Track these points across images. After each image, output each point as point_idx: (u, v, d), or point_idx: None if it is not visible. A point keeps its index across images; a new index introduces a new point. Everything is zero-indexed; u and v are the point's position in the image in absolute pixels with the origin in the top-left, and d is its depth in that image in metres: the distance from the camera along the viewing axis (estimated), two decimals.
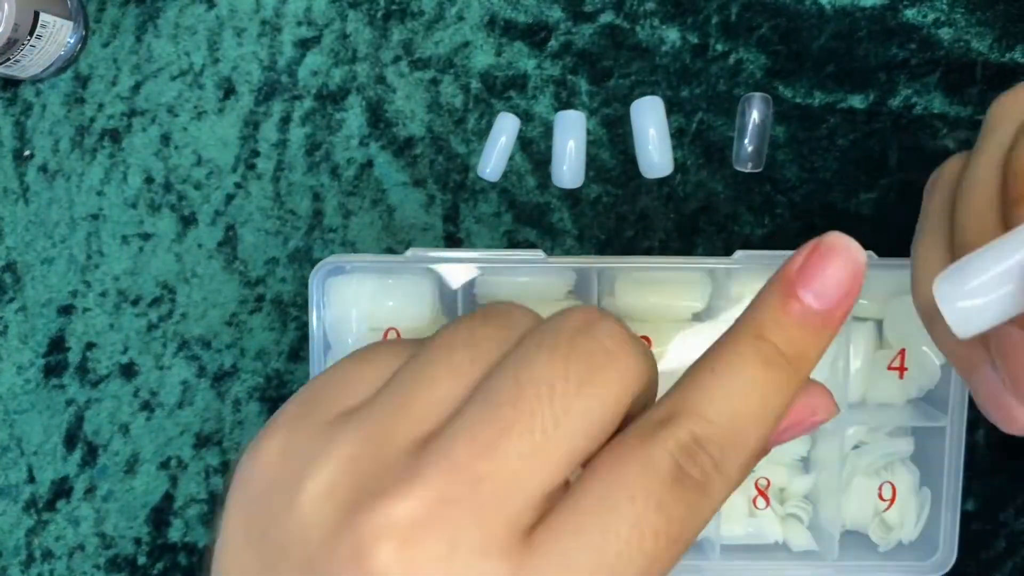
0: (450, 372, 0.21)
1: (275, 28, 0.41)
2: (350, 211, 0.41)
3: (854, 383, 0.39)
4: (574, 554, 0.19)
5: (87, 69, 0.41)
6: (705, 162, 0.41)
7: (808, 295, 0.21)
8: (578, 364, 0.20)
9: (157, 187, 0.42)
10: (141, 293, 0.42)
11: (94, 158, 0.42)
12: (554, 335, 0.21)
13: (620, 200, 0.41)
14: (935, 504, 0.39)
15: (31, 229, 0.42)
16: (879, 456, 0.40)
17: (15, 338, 0.42)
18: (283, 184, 0.41)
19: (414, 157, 0.41)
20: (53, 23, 0.39)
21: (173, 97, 0.41)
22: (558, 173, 0.41)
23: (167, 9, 0.41)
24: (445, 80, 0.41)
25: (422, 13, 0.41)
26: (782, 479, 0.40)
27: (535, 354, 0.21)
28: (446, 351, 0.22)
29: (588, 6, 0.40)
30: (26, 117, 0.41)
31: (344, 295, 0.37)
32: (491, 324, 0.22)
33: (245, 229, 0.42)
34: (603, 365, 0.21)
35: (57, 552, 0.43)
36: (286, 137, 0.41)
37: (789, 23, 0.40)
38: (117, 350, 0.42)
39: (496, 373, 0.21)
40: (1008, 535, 0.43)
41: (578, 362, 0.20)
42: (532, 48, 0.41)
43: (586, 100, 0.41)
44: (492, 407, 0.20)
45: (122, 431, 0.43)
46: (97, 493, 0.43)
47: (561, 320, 0.22)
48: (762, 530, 0.40)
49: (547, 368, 0.20)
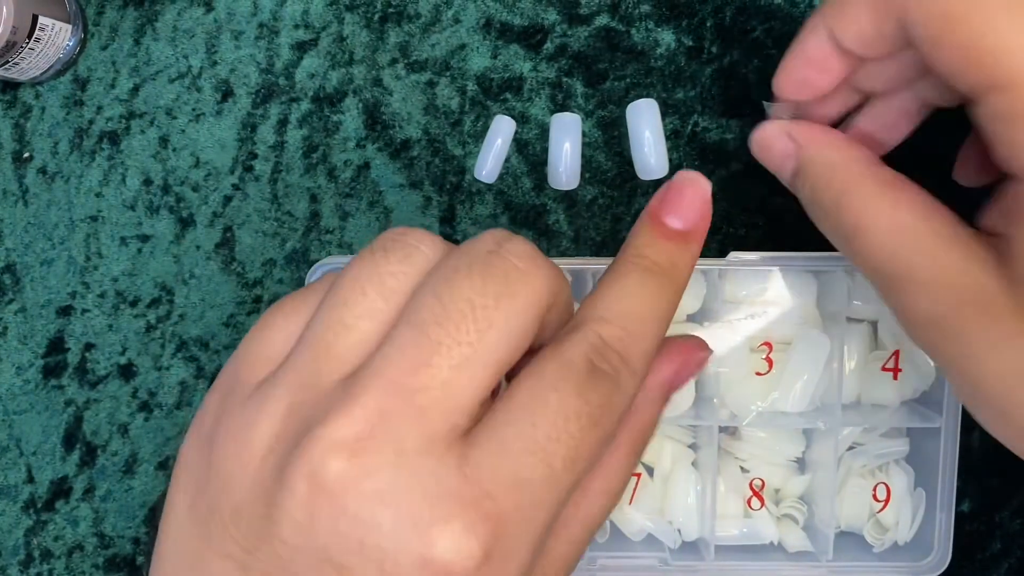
0: (365, 313, 0.23)
1: (272, 31, 0.41)
2: (347, 213, 0.42)
3: (849, 384, 0.39)
4: (509, 441, 0.22)
5: (86, 72, 0.42)
6: (700, 164, 0.41)
7: (671, 219, 0.27)
8: (494, 281, 0.23)
9: (155, 189, 0.42)
10: (139, 294, 0.42)
11: (93, 160, 0.42)
12: (469, 258, 0.23)
13: (616, 202, 0.41)
14: (930, 505, 0.39)
15: (30, 231, 0.42)
16: (874, 457, 0.40)
17: (14, 339, 0.42)
18: (280, 186, 0.42)
19: (411, 159, 0.41)
20: (52, 26, 0.39)
21: (171, 99, 0.42)
22: (554, 175, 0.41)
23: (165, 12, 0.41)
24: (441, 82, 0.41)
25: (418, 16, 0.41)
26: (777, 480, 0.40)
27: (454, 276, 0.23)
28: (358, 293, 0.23)
29: (583, 9, 0.41)
30: (25, 119, 0.42)
31: None
32: (393, 258, 0.24)
33: (243, 230, 0.42)
34: (516, 280, 0.23)
35: (56, 552, 0.43)
36: (283, 139, 0.41)
37: (783, 26, 0.40)
38: (116, 351, 0.42)
39: (418, 296, 0.23)
40: (1003, 536, 0.43)
41: (494, 279, 0.23)
42: (528, 51, 0.41)
43: (582, 102, 0.41)
44: (419, 327, 0.22)
45: (121, 431, 0.43)
46: (96, 493, 0.43)
47: (473, 244, 0.24)
48: (757, 531, 0.40)
49: (467, 287, 0.23)
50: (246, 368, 0.25)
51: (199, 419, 0.25)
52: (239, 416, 0.23)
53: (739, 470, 0.40)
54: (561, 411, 0.22)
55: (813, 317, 0.39)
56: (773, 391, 0.39)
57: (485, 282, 0.23)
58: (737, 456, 0.40)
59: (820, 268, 0.38)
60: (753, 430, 0.40)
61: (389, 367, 0.22)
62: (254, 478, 0.22)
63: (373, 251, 0.24)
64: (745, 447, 0.40)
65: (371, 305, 0.23)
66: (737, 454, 0.40)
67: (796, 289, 0.38)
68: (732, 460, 0.40)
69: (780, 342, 0.39)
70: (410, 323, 0.22)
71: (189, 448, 0.25)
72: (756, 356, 0.39)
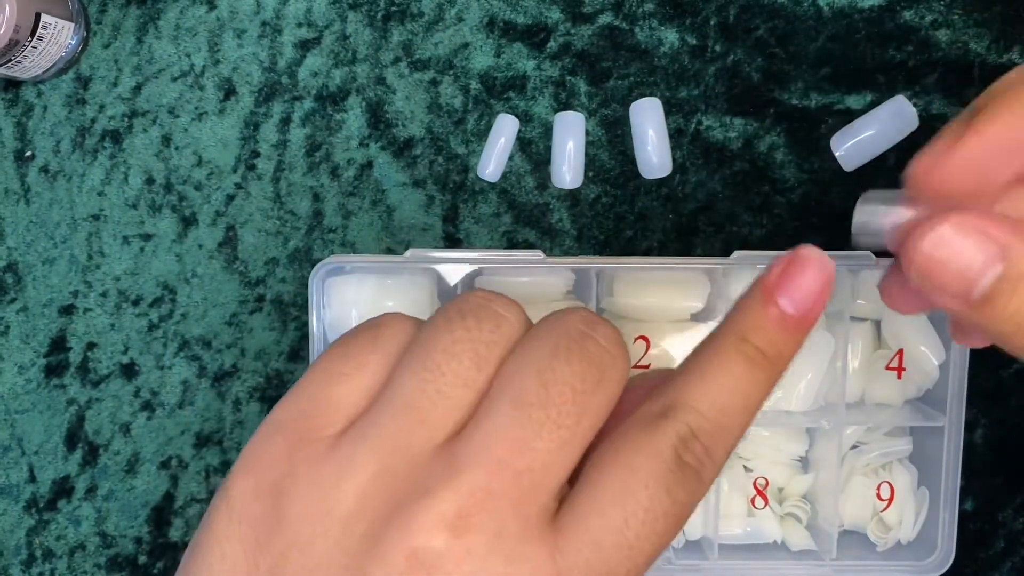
0: (459, 382, 0.23)
1: (275, 29, 0.41)
2: (350, 211, 0.41)
3: (852, 383, 0.39)
4: (600, 535, 0.22)
5: (88, 70, 0.41)
6: (703, 163, 0.41)
7: (785, 301, 0.24)
8: (591, 367, 0.23)
9: (158, 188, 0.42)
10: (142, 293, 0.42)
11: (95, 159, 0.42)
12: (566, 339, 0.23)
13: (619, 200, 0.41)
14: (933, 504, 0.39)
15: (32, 229, 0.42)
16: (877, 456, 0.40)
17: (16, 338, 0.42)
18: (283, 185, 0.41)
19: (414, 158, 0.41)
20: (54, 24, 0.39)
21: (174, 98, 0.41)
22: (557, 174, 0.41)
23: (168, 11, 0.41)
24: (445, 81, 0.41)
25: (422, 14, 0.41)
26: (781, 479, 0.40)
27: (554, 360, 0.23)
28: (452, 360, 0.23)
29: (587, 7, 0.41)
30: (27, 118, 0.42)
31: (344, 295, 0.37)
32: (485, 327, 0.24)
33: (245, 229, 0.42)
34: (609, 366, 0.23)
35: (58, 551, 0.43)
36: (286, 138, 0.41)
37: (787, 24, 0.40)
38: (118, 350, 0.42)
39: (519, 373, 0.23)
40: (1006, 535, 0.43)
41: (592, 366, 0.23)
42: (531, 49, 0.41)
43: (585, 101, 0.41)
44: (523, 408, 0.22)
45: (123, 431, 0.43)
46: (98, 493, 0.43)
47: (564, 322, 0.24)
48: (761, 530, 0.40)
49: (568, 373, 0.23)
50: (316, 418, 0.24)
51: (259, 462, 0.23)
52: (319, 473, 0.23)
53: (743, 469, 0.40)
54: (651, 510, 0.22)
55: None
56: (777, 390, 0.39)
57: (584, 368, 0.23)
58: (741, 455, 0.40)
59: None
60: (757, 429, 0.40)
61: (495, 445, 0.22)
62: (337, 543, 0.22)
63: (463, 316, 0.24)
64: (749, 446, 0.40)
65: (466, 374, 0.23)
66: (741, 453, 0.40)
67: None
68: (736, 459, 0.40)
69: None
70: (514, 402, 0.22)
71: (246, 493, 0.23)
72: None
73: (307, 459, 0.23)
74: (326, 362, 0.24)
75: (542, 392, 0.22)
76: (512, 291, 0.38)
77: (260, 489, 0.23)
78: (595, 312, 0.25)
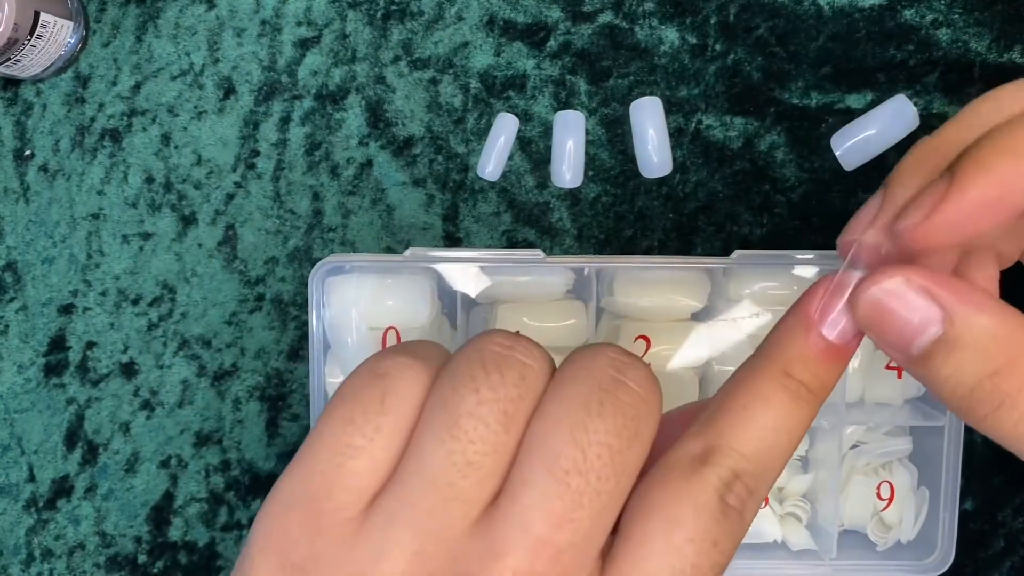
0: (488, 448, 0.22)
1: (275, 28, 0.41)
2: (350, 211, 0.41)
3: (852, 382, 0.39)
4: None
5: (87, 69, 0.41)
6: (704, 162, 0.41)
7: (829, 330, 0.23)
8: (626, 420, 0.22)
9: (157, 187, 0.42)
10: (141, 292, 0.42)
11: (94, 158, 0.42)
12: (598, 391, 0.22)
13: (619, 200, 0.41)
14: (933, 503, 0.39)
15: (32, 228, 0.42)
16: (877, 455, 0.40)
17: (16, 337, 0.42)
18: (283, 184, 0.41)
19: (413, 157, 0.41)
20: (53, 23, 0.39)
21: (173, 97, 0.41)
22: (557, 173, 0.41)
23: (167, 9, 0.41)
24: (444, 80, 0.41)
25: (421, 13, 0.41)
26: (780, 478, 0.40)
27: (586, 414, 0.22)
28: (478, 422, 0.22)
29: (587, 6, 0.41)
30: (27, 117, 0.42)
31: (344, 294, 0.37)
32: (510, 381, 0.22)
33: (245, 228, 0.42)
34: (645, 415, 0.22)
35: (57, 551, 0.43)
36: (286, 137, 0.41)
37: (787, 24, 0.40)
38: (117, 349, 0.42)
39: (551, 435, 0.22)
40: (1006, 535, 0.43)
41: (625, 418, 0.22)
42: (531, 48, 0.41)
43: (585, 100, 0.41)
44: (559, 476, 0.21)
45: (122, 430, 0.43)
46: (97, 492, 0.43)
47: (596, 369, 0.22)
48: (760, 529, 0.40)
49: (603, 431, 0.21)
50: (334, 496, 0.22)
51: (279, 542, 0.22)
52: (350, 558, 0.21)
53: None
54: (699, 565, 0.21)
55: None
56: None
57: (618, 423, 0.22)
58: None
59: (823, 266, 0.38)
60: None
61: (534, 521, 0.21)
62: None
63: (487, 370, 0.22)
64: None
65: (495, 439, 0.22)
66: None
67: (800, 288, 0.38)
68: None
69: None
70: (549, 470, 0.21)
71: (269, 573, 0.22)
72: None
73: (334, 542, 0.22)
74: (333, 427, 0.23)
75: (579, 456, 0.21)
76: (512, 290, 0.38)
77: (284, 570, 0.22)
78: (622, 349, 0.23)
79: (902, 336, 0.23)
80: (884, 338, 0.24)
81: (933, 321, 0.23)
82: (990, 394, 0.23)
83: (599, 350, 0.23)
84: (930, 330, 0.23)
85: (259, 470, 0.43)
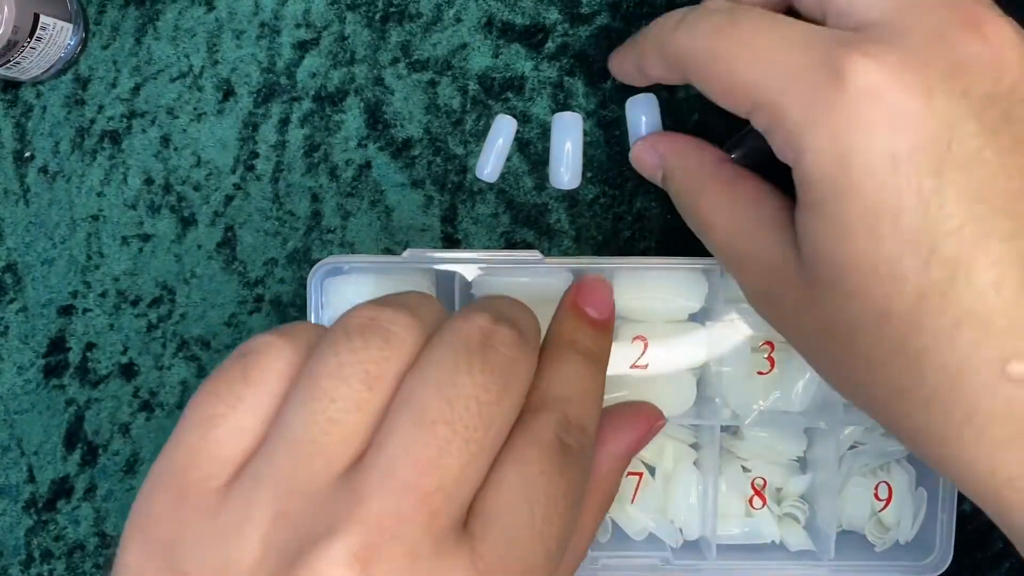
0: (351, 406, 0.22)
1: (274, 30, 0.41)
2: (348, 212, 0.42)
3: None
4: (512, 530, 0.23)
5: (87, 71, 0.42)
6: None
7: (591, 310, 0.30)
8: (494, 376, 0.23)
9: (157, 188, 0.42)
10: (141, 294, 0.42)
11: (94, 159, 0.42)
12: (466, 353, 0.23)
13: (617, 201, 0.41)
14: (931, 504, 0.39)
15: (31, 230, 0.42)
16: (875, 456, 0.40)
17: (15, 338, 0.42)
18: (282, 185, 0.42)
19: (412, 158, 0.41)
20: (53, 25, 0.39)
21: (173, 99, 0.41)
22: (555, 174, 0.41)
23: (167, 11, 0.41)
24: (443, 82, 0.41)
25: (420, 15, 0.41)
26: (778, 479, 0.40)
27: (454, 373, 0.23)
28: (340, 384, 0.22)
29: (585, 8, 0.41)
30: (26, 119, 0.42)
31: (342, 295, 0.37)
32: (373, 344, 0.23)
33: (244, 230, 0.42)
34: (512, 371, 0.24)
35: (57, 552, 0.43)
36: (285, 138, 0.41)
37: None
38: (117, 350, 0.42)
39: (419, 389, 0.22)
40: (1003, 536, 0.42)
41: (493, 374, 0.23)
42: (529, 50, 0.41)
43: (583, 102, 0.41)
44: (427, 426, 0.22)
45: (122, 431, 0.43)
46: (97, 493, 0.43)
47: (460, 330, 0.24)
48: (758, 530, 0.40)
49: (470, 385, 0.23)
50: (199, 467, 0.22)
51: (144, 523, 0.22)
52: (215, 524, 0.21)
53: (741, 469, 0.40)
54: (551, 494, 0.23)
55: None
56: (775, 390, 0.39)
57: (486, 379, 0.23)
58: (739, 455, 0.40)
59: None
60: (755, 429, 0.40)
61: (399, 467, 0.21)
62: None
63: (349, 336, 0.23)
64: (747, 446, 0.40)
65: (357, 396, 0.22)
66: (739, 453, 0.40)
67: None
68: (734, 459, 0.40)
69: (782, 341, 0.39)
70: (416, 421, 0.22)
71: (135, 557, 0.22)
72: (758, 355, 0.39)
73: (198, 511, 0.22)
74: (196, 403, 0.23)
75: (445, 407, 0.22)
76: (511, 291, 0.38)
77: (151, 549, 0.22)
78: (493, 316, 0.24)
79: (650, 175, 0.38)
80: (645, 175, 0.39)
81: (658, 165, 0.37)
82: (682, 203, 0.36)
83: (469, 315, 0.24)
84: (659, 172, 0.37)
85: None
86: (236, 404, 0.23)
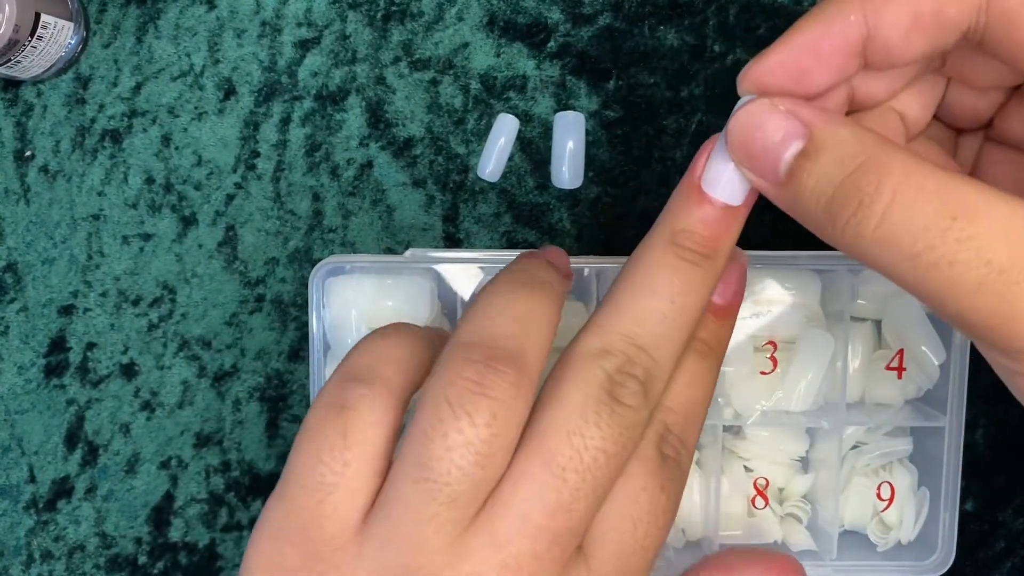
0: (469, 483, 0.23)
1: (275, 29, 0.41)
2: (350, 211, 0.41)
3: (852, 383, 0.39)
4: (619, 546, 0.24)
5: (88, 70, 0.41)
6: None
7: (716, 296, 0.27)
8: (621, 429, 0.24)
9: (157, 188, 0.42)
10: (141, 293, 0.42)
11: (95, 159, 0.42)
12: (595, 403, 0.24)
13: (619, 201, 0.41)
14: (933, 504, 0.39)
15: (32, 229, 0.42)
16: (878, 456, 0.40)
17: (16, 338, 0.42)
18: (283, 184, 0.41)
19: (414, 158, 0.41)
20: (54, 24, 0.39)
21: (173, 98, 0.41)
22: (557, 174, 0.41)
23: (168, 10, 0.41)
24: (445, 81, 0.41)
25: (422, 14, 0.41)
26: (781, 479, 0.40)
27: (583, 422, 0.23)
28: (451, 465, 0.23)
29: (587, 8, 0.41)
30: (27, 118, 0.42)
31: (344, 295, 0.37)
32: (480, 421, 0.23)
33: (245, 229, 0.42)
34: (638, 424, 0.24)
35: (57, 552, 0.43)
36: (286, 138, 0.41)
37: (787, 24, 0.40)
38: (118, 350, 0.42)
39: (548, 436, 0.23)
40: (1006, 535, 0.43)
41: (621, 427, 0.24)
42: (531, 49, 0.41)
43: (585, 101, 0.41)
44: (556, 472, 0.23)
45: (123, 431, 0.43)
46: (98, 493, 0.43)
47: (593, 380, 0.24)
48: (761, 530, 0.40)
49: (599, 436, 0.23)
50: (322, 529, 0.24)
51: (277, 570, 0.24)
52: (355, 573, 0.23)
53: (743, 469, 0.40)
54: (651, 509, 0.24)
55: (817, 316, 0.38)
56: (777, 390, 0.39)
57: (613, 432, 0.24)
58: (741, 455, 0.40)
59: (824, 267, 0.38)
60: (757, 429, 0.40)
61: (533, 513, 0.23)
62: None
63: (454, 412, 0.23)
64: (749, 446, 0.40)
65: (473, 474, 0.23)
66: (741, 453, 0.40)
67: (800, 288, 0.38)
68: (736, 459, 0.40)
69: (784, 341, 0.39)
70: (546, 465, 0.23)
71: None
72: (760, 355, 0.39)
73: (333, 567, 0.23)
74: (304, 464, 0.24)
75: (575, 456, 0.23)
76: None
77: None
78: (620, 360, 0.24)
79: (768, 154, 0.24)
80: (753, 162, 0.24)
81: (796, 135, 0.23)
82: (849, 195, 0.22)
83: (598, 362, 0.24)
84: (794, 144, 0.23)
85: (259, 471, 0.43)
86: (343, 471, 0.24)
